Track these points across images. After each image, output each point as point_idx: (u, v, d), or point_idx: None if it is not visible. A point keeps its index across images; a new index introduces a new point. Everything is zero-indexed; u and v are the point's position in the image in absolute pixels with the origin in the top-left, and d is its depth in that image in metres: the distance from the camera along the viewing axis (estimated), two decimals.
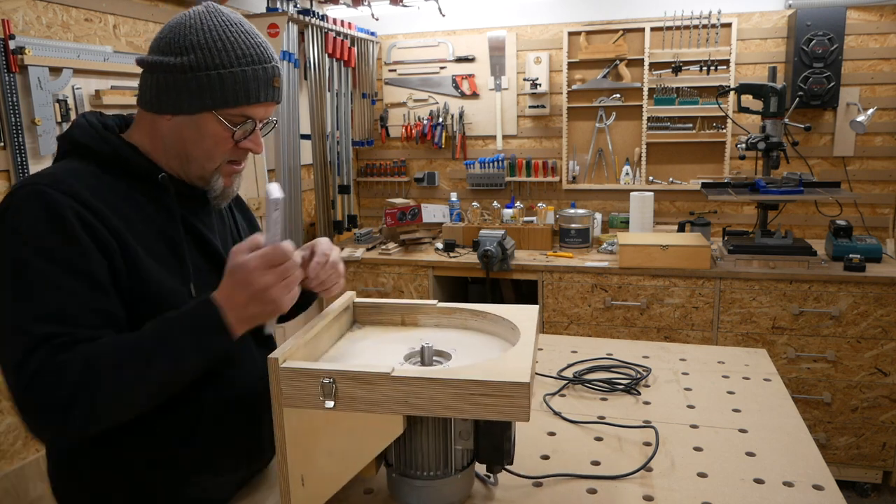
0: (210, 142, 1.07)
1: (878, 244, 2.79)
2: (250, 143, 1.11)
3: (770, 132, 2.79)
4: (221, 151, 1.09)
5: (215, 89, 1.03)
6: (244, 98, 1.05)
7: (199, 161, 1.09)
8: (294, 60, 2.94)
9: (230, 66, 1.03)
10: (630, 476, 1.18)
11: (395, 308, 1.29)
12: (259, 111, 1.09)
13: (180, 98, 1.04)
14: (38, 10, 2.00)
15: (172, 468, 1.10)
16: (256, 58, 1.05)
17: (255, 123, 1.09)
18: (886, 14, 3.05)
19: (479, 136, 3.70)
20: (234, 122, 1.07)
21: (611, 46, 3.35)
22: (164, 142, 1.09)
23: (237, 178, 1.16)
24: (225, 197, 1.16)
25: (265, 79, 1.06)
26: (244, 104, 1.05)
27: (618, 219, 3.44)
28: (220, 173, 1.12)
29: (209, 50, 1.03)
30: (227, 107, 1.05)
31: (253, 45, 1.06)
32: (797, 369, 2.76)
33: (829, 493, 1.12)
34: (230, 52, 1.03)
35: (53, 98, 2.02)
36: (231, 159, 1.12)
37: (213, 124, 1.06)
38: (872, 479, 2.83)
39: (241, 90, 1.04)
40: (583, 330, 2.97)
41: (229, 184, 1.14)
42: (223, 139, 1.08)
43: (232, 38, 1.04)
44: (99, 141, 1.07)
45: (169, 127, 1.08)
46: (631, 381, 1.57)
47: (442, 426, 1.05)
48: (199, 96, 1.03)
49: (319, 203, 3.22)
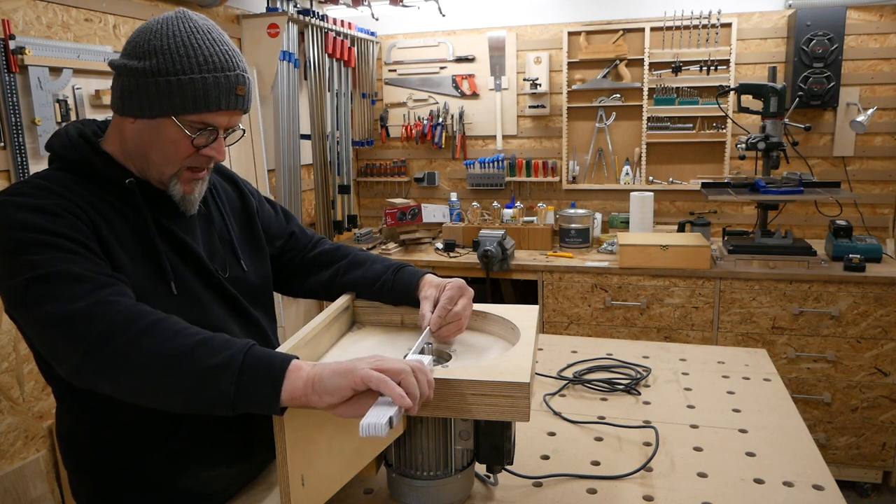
0: (169, 147, 1.07)
1: (878, 244, 2.79)
2: (212, 151, 1.10)
3: (770, 132, 2.79)
4: (180, 157, 1.08)
5: (174, 95, 1.03)
6: (203, 105, 1.04)
7: (158, 165, 1.09)
8: (294, 60, 2.94)
9: (190, 73, 1.03)
10: (630, 476, 1.18)
11: (396, 308, 1.29)
12: (221, 119, 1.08)
13: (142, 102, 1.04)
14: (38, 10, 2.00)
15: (160, 457, 1.12)
16: (219, 65, 1.05)
17: (216, 131, 1.09)
18: (886, 14, 3.05)
19: (479, 136, 3.70)
20: (193, 128, 1.06)
21: (611, 46, 3.35)
22: (128, 144, 1.10)
23: (199, 184, 1.14)
24: (186, 203, 1.14)
25: (227, 86, 1.06)
26: (203, 111, 1.05)
27: (618, 219, 3.44)
28: (179, 179, 1.11)
29: (170, 55, 1.03)
30: (186, 113, 1.04)
31: (217, 52, 1.05)
32: (797, 369, 2.76)
33: (829, 493, 1.12)
34: (192, 59, 1.03)
35: (53, 98, 2.02)
36: (191, 166, 1.10)
37: (173, 130, 1.05)
38: (872, 479, 2.83)
39: (201, 97, 1.04)
40: (583, 330, 2.97)
41: (189, 191, 1.13)
42: (182, 145, 1.07)
43: (195, 45, 1.04)
44: (69, 150, 1.09)
45: (132, 130, 1.08)
46: (631, 381, 1.57)
47: (442, 426, 1.05)
48: (158, 101, 1.03)
49: (319, 203, 3.22)
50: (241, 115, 1.12)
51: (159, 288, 1.08)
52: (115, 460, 1.13)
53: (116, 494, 1.15)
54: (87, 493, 1.18)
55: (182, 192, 1.12)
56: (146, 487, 1.14)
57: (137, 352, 0.88)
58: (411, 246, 3.31)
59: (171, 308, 1.00)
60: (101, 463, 1.14)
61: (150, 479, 1.14)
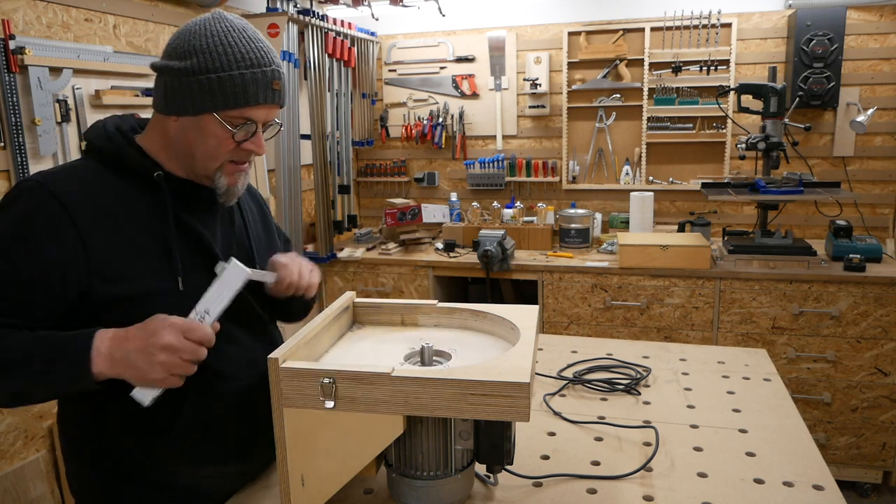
0: (212, 142, 1.11)
1: (878, 244, 2.79)
2: (252, 145, 1.15)
3: (770, 132, 2.79)
4: (223, 151, 1.13)
5: (215, 92, 1.07)
6: (243, 100, 1.09)
7: (203, 161, 1.13)
8: (294, 60, 2.94)
9: (229, 70, 1.07)
10: (630, 476, 1.18)
11: (395, 308, 1.29)
12: (259, 113, 1.12)
13: (184, 100, 1.09)
14: (38, 10, 2.00)
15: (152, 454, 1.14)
16: (256, 61, 1.09)
17: (255, 125, 1.13)
18: (886, 14, 3.05)
19: (479, 136, 3.70)
20: (234, 123, 1.10)
21: (611, 46, 3.35)
22: (173, 142, 1.14)
23: (241, 176, 1.20)
24: (230, 195, 1.19)
25: (264, 82, 1.10)
26: (243, 106, 1.09)
27: (618, 219, 3.44)
28: (223, 172, 1.16)
29: (210, 54, 1.07)
30: (226, 108, 1.09)
31: (253, 49, 1.10)
32: (797, 369, 2.76)
33: (829, 493, 1.12)
34: (230, 56, 1.08)
35: (53, 98, 2.02)
36: (234, 159, 1.15)
37: (215, 125, 1.10)
38: (872, 479, 2.83)
39: (240, 92, 1.08)
40: (583, 330, 2.97)
41: (233, 182, 1.18)
42: (224, 140, 1.11)
43: (232, 43, 1.08)
44: (104, 140, 1.14)
45: (175, 128, 1.13)
46: (631, 381, 1.57)
47: (442, 426, 1.05)
48: (200, 98, 1.08)
49: (319, 203, 3.22)
50: (278, 109, 1.16)
51: (166, 284, 1.11)
52: (116, 451, 1.15)
53: (117, 491, 1.16)
54: (87, 489, 1.19)
55: (227, 184, 1.17)
56: (145, 484, 1.15)
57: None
58: (411, 246, 3.31)
59: (175, 303, 1.07)
60: (103, 452, 1.16)
61: (148, 475, 1.15)
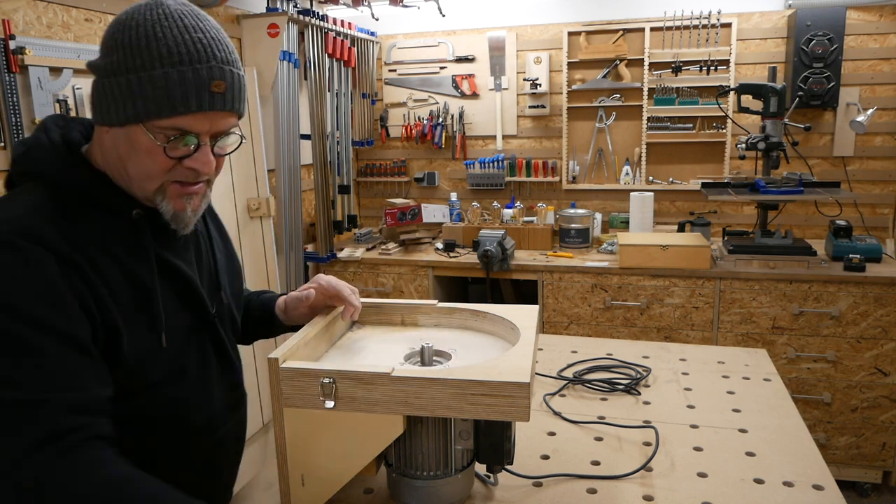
0: (144, 159, 0.89)
1: (878, 244, 2.79)
2: (195, 163, 0.91)
3: (770, 132, 2.79)
4: (159, 170, 0.91)
5: (136, 97, 0.85)
6: (168, 108, 0.85)
7: (139, 181, 0.92)
8: (294, 60, 2.94)
9: (151, 68, 0.85)
10: (630, 476, 1.18)
11: (395, 308, 1.29)
12: (198, 123, 0.89)
13: (109, 106, 0.88)
14: (38, 10, 2.00)
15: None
16: (186, 57, 0.86)
17: (196, 138, 0.90)
18: (886, 14, 3.05)
19: (479, 136, 3.70)
20: (167, 136, 0.88)
21: (611, 46, 3.35)
22: (107, 158, 0.93)
23: (193, 199, 0.96)
24: (180, 222, 0.97)
25: (196, 82, 0.86)
26: (170, 115, 0.86)
27: (618, 219, 3.44)
28: (166, 196, 0.94)
29: (132, 49, 0.85)
30: (152, 118, 0.86)
31: (186, 41, 0.86)
32: (797, 369, 2.76)
33: (829, 493, 1.12)
34: (153, 51, 0.85)
35: (54, 98, 2.02)
36: (177, 179, 0.93)
37: (144, 138, 0.88)
38: (872, 479, 2.83)
39: (163, 98, 0.85)
40: (583, 330, 2.97)
41: (181, 207, 0.95)
42: (157, 157, 0.89)
43: (159, 35, 0.85)
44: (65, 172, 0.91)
45: (107, 140, 0.92)
46: (631, 381, 1.57)
47: (442, 426, 1.05)
48: (122, 105, 0.86)
49: (319, 203, 3.22)
50: (231, 116, 0.93)
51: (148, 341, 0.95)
52: None
53: None
54: None
55: (172, 210, 0.95)
56: None
57: None
58: (411, 246, 3.31)
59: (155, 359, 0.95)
60: None
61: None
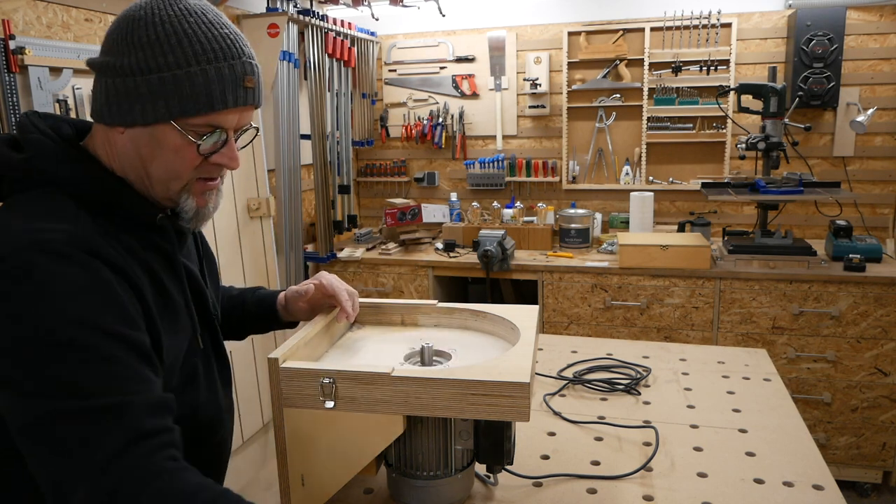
0: (172, 158, 0.89)
1: (878, 244, 2.79)
2: (223, 158, 0.92)
3: (770, 132, 2.79)
4: (187, 168, 0.90)
5: (170, 95, 0.85)
6: (206, 105, 0.86)
7: (163, 181, 0.91)
8: (294, 60, 2.94)
9: (186, 66, 0.85)
10: (630, 476, 1.18)
11: (395, 308, 1.29)
12: (229, 118, 0.90)
13: (132, 107, 0.86)
14: (38, 10, 2.00)
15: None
16: (220, 53, 0.86)
17: (225, 134, 0.91)
18: (886, 14, 3.05)
19: (479, 136, 3.70)
20: (198, 132, 0.88)
21: (611, 46, 3.35)
22: (121, 160, 0.91)
23: (213, 195, 0.97)
24: (200, 218, 0.97)
25: (232, 79, 0.87)
26: (208, 111, 0.86)
27: (618, 219, 3.44)
28: (191, 193, 0.93)
29: (160, 46, 0.84)
30: (186, 115, 0.86)
31: (216, 37, 0.87)
32: (797, 369, 2.76)
33: (829, 493, 1.12)
34: (186, 48, 0.85)
35: (54, 98, 2.02)
36: (202, 176, 0.93)
37: (174, 137, 0.87)
38: (872, 479, 2.83)
39: (203, 94, 0.85)
40: (583, 330, 2.97)
41: (203, 203, 0.95)
42: (187, 154, 0.89)
43: (189, 31, 0.85)
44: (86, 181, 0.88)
45: (123, 142, 0.89)
46: (631, 381, 1.57)
47: (442, 426, 1.05)
48: (152, 104, 0.85)
49: (319, 203, 3.22)
50: (253, 111, 0.94)
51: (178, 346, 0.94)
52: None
53: None
54: None
55: (195, 207, 0.95)
56: None
57: None
58: (411, 246, 3.31)
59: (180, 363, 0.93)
60: None
61: None
